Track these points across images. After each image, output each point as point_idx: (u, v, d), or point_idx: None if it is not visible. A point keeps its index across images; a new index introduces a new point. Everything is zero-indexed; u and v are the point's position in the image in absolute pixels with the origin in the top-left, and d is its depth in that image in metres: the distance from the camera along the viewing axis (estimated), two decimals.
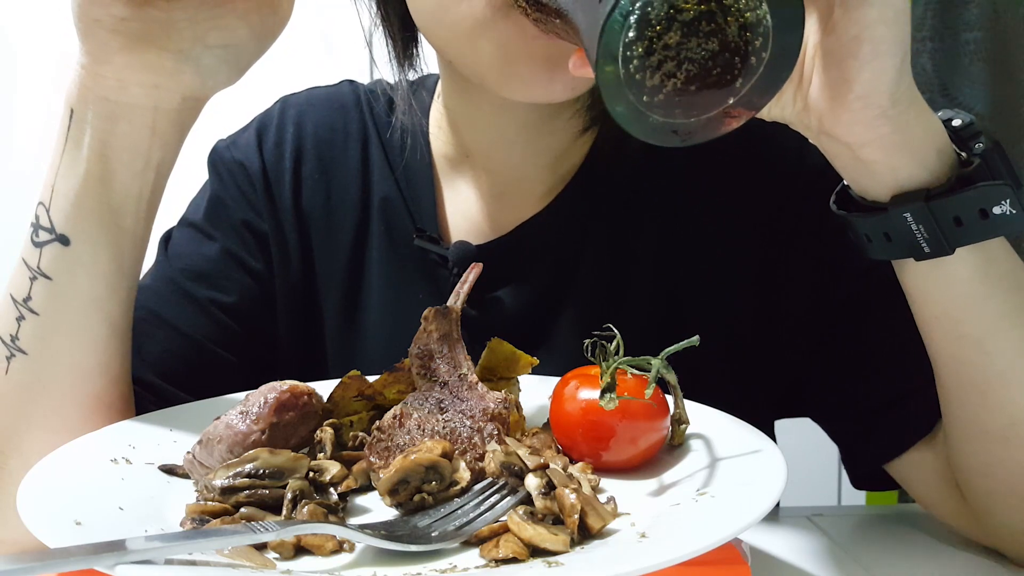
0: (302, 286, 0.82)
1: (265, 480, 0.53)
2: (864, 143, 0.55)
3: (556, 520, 0.50)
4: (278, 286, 0.81)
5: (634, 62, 0.44)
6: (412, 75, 0.81)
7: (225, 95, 0.67)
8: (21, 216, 0.69)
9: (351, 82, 0.89)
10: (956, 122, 0.59)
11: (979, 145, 0.57)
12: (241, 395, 0.63)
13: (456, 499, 0.53)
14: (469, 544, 0.49)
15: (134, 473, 0.58)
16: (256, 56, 0.66)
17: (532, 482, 0.52)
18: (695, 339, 0.59)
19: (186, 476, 0.58)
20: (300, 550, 0.49)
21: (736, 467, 0.56)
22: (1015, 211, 0.55)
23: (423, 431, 0.58)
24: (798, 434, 0.88)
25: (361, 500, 0.56)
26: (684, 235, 0.78)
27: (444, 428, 0.58)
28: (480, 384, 0.61)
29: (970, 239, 0.56)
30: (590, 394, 0.58)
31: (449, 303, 0.64)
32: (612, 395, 0.57)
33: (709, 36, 0.44)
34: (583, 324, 0.66)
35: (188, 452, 0.58)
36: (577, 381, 0.60)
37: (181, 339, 0.76)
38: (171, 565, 0.44)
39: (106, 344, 0.66)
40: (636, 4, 0.43)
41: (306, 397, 0.59)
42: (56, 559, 0.42)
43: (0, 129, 1.82)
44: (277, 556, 0.49)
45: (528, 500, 0.52)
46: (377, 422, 0.59)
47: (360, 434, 0.61)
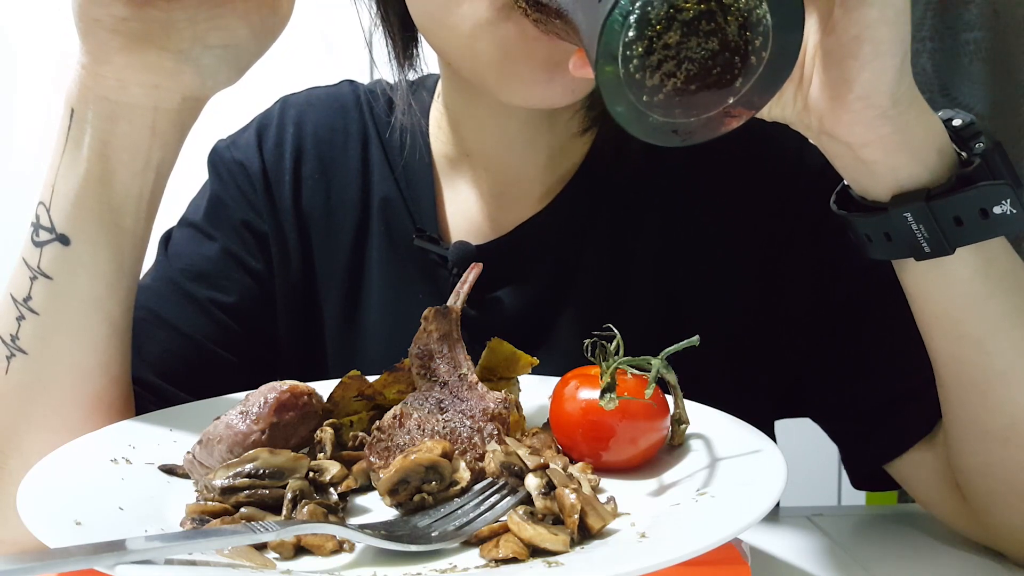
0: (302, 286, 0.82)
1: (265, 480, 0.53)
2: (864, 143, 0.55)
3: (556, 520, 0.50)
4: (278, 286, 0.81)
5: (634, 62, 0.44)
6: (412, 75, 0.81)
7: (225, 95, 0.67)
8: (21, 216, 0.69)
9: (351, 82, 0.89)
10: (956, 122, 0.59)
11: (979, 145, 0.57)
12: (241, 395, 0.63)
13: (456, 499, 0.53)
14: (469, 544, 0.49)
15: (134, 473, 0.58)
16: (256, 56, 0.66)
17: (532, 482, 0.52)
18: (695, 339, 0.59)
19: (186, 476, 0.58)
20: (300, 550, 0.49)
21: (736, 467, 0.56)
22: (1015, 211, 0.55)
23: (423, 431, 0.58)
24: (798, 434, 0.87)
25: (361, 500, 0.56)
26: (684, 235, 0.78)
27: (444, 428, 0.58)
28: (480, 384, 0.61)
29: (970, 239, 0.56)
30: (590, 394, 0.58)
31: (449, 303, 0.64)
32: (612, 395, 0.56)
33: (709, 35, 0.44)
34: (583, 324, 0.66)
35: (188, 452, 0.58)
36: (577, 381, 0.60)
37: (181, 339, 0.76)
38: (171, 565, 0.44)
39: (106, 344, 0.66)
40: (636, 4, 0.43)
41: (306, 397, 0.59)
42: (56, 559, 0.42)
43: (0, 129, 1.82)
44: (277, 556, 0.48)
45: (528, 500, 0.52)
46: (377, 422, 0.59)
47: (360, 434, 0.61)
